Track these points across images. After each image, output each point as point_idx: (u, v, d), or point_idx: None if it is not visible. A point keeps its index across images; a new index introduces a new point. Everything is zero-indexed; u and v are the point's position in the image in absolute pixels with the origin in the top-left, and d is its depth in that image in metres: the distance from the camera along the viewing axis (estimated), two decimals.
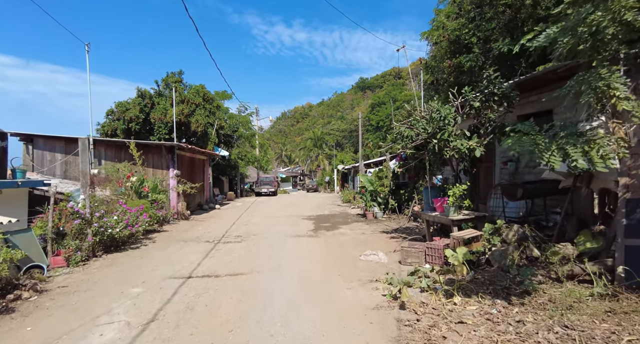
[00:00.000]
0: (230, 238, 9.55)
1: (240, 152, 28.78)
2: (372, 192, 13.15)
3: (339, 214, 14.87)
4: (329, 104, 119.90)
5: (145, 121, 19.62)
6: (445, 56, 17.91)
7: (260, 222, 12.66)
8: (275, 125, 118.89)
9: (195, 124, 19.25)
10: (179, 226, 12.16)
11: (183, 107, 19.03)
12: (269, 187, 29.86)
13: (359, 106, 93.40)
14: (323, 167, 56.67)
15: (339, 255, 7.31)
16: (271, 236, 9.70)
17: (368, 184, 13.38)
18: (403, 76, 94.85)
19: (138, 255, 7.53)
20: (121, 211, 8.10)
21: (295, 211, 16.49)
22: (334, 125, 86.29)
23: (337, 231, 10.48)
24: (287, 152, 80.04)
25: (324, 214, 15.25)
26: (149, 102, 19.65)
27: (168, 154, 13.89)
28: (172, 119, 18.73)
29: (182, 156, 15.18)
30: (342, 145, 77.03)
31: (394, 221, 12.00)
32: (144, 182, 11.63)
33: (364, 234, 9.70)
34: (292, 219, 13.43)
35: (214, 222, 12.90)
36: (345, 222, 12.20)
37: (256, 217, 14.50)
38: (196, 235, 10.11)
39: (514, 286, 4.69)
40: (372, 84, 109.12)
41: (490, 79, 6.81)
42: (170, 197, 13.81)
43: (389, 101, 61.17)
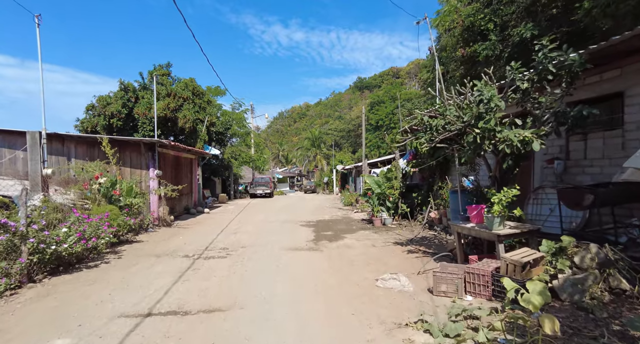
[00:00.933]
0: (213, 252, 7.93)
1: (234, 152, 27.14)
2: (379, 196, 11.58)
3: (342, 220, 13.28)
4: (327, 103, 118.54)
5: (128, 116, 17.95)
6: (457, 45, 16.41)
7: (252, 230, 11.05)
8: (272, 125, 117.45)
9: (183, 120, 17.61)
10: (158, 234, 10.52)
11: (169, 101, 17.39)
12: (265, 189, 28.23)
13: (357, 106, 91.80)
14: (321, 167, 55.13)
15: (349, 278, 5.71)
16: (263, 249, 8.09)
17: (375, 186, 11.81)
18: (402, 76, 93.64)
19: (92, 278, 5.90)
20: (74, 221, 6.46)
21: (293, 216, 14.89)
22: (331, 125, 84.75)
23: (341, 241, 8.88)
24: (284, 152, 78.53)
25: (325, 219, 13.65)
26: (132, 96, 17.99)
27: (148, 152, 12.25)
28: (157, 115, 17.07)
29: (165, 154, 13.54)
30: (340, 145, 75.51)
31: (406, 229, 10.42)
32: (116, 184, 9.99)
33: (375, 247, 8.12)
34: (288, 226, 11.82)
35: (199, 230, 11.27)
36: (349, 230, 10.61)
37: (248, 223, 12.88)
38: (174, 247, 8.49)
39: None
40: (369, 83, 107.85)
41: (545, 53, 5.25)
42: (150, 200, 12.16)
43: (388, 100, 59.74)
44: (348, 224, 11.98)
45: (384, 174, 12.01)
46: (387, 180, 11.71)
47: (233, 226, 12.18)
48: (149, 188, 12.13)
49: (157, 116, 17.07)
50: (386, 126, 55.25)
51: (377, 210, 11.32)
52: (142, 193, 11.37)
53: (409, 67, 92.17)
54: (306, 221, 13.04)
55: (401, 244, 8.37)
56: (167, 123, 17.94)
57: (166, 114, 17.23)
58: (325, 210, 17.27)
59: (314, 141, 57.61)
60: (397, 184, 11.34)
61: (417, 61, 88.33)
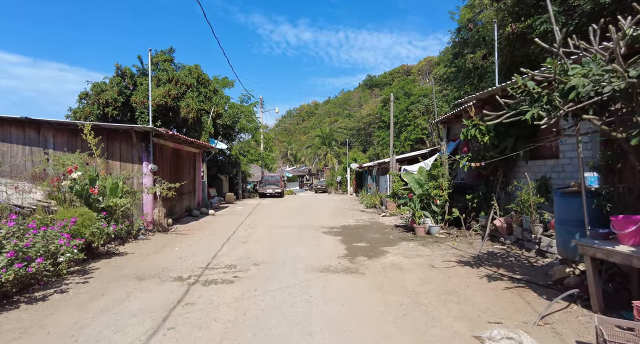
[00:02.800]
0: (216, 272, 5.84)
1: (243, 148, 25.12)
2: (422, 197, 9.39)
3: (371, 226, 11.11)
4: (336, 102, 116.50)
5: (125, 105, 16.03)
6: (505, 20, 14.13)
7: (264, 239, 8.95)
8: (280, 123, 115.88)
9: (186, 109, 15.60)
10: (150, 243, 8.48)
11: (170, 87, 15.39)
12: (275, 188, 26.18)
13: (368, 104, 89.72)
14: (332, 166, 53.00)
15: (429, 335, 3.55)
16: (282, 270, 5.97)
17: (415, 185, 9.62)
18: (413, 73, 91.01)
19: (22, 326, 3.83)
20: (8, 233, 4.40)
21: (310, 219, 12.77)
22: (341, 123, 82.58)
23: (385, 259, 6.72)
24: (292, 151, 76.73)
25: (350, 224, 11.50)
26: (130, 83, 16.06)
27: (141, 143, 10.24)
28: (156, 103, 15.10)
29: (163, 146, 11.52)
30: (350, 144, 73.21)
31: (460, 241, 8.22)
32: (96, 180, 7.97)
33: (435, 269, 5.94)
34: (308, 233, 9.70)
35: (201, 238, 9.20)
36: (388, 241, 8.45)
37: (259, 228, 10.79)
38: (166, 263, 6.43)
39: None
40: (379, 81, 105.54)
41: None
42: (143, 201, 10.15)
43: (402, 95, 57.35)
44: (382, 232, 9.81)
45: (427, 172, 9.80)
46: (431, 178, 9.51)
47: (241, 232, 10.10)
48: (143, 185, 10.11)
49: (157, 104, 15.11)
50: (400, 122, 52.82)
51: (419, 215, 9.13)
52: (133, 192, 9.35)
53: (420, 64, 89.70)
54: (328, 227, 10.90)
55: (469, 264, 6.18)
56: (168, 112, 15.96)
57: (166, 102, 15.24)
58: (346, 213, 15.11)
59: (324, 139, 55.49)
60: (446, 184, 9.13)
61: (430, 58, 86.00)
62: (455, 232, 9.12)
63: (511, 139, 7.76)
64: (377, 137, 58.90)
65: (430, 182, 9.37)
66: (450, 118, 13.12)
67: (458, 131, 13.03)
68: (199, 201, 15.36)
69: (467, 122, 8.45)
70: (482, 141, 8.10)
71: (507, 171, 8.33)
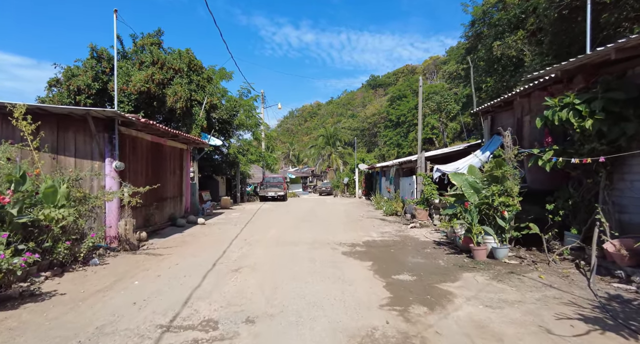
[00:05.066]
0: (182, 341, 3.35)
1: (242, 146, 22.65)
2: (481, 207, 6.86)
3: (403, 242, 8.58)
4: (339, 102, 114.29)
5: (101, 92, 13.59)
6: None
7: (264, 264, 6.44)
8: (282, 124, 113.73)
9: (173, 98, 13.13)
10: (102, 272, 5.98)
11: (153, 71, 12.92)
12: (277, 190, 23.67)
13: (372, 104, 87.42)
14: (336, 167, 50.54)
15: None
16: (293, 340, 3.46)
17: (469, 190, 7.09)
18: (417, 73, 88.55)
19: None
20: None
21: (322, 231, 10.25)
22: (345, 123, 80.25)
23: (455, 310, 4.19)
24: (295, 151, 74.49)
25: (374, 239, 8.98)
26: (107, 67, 13.59)
27: (103, 133, 7.77)
28: (137, 90, 12.65)
29: (136, 138, 9.05)
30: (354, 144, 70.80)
31: (546, 271, 5.69)
32: (22, 183, 5.49)
33: (559, 338, 3.41)
34: (324, 255, 7.18)
35: (177, 263, 6.69)
36: (440, 271, 5.92)
37: (258, 245, 8.28)
38: (104, 318, 3.94)
39: None
40: (383, 82, 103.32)
41: None
42: (105, 209, 7.68)
43: (410, 93, 54.85)
44: (423, 254, 7.29)
45: (486, 172, 7.25)
46: (493, 181, 6.97)
47: (234, 252, 7.59)
48: (105, 188, 7.64)
49: (137, 91, 12.66)
50: (409, 121, 50.27)
51: (477, 231, 6.60)
52: (88, 198, 6.89)
53: (426, 64, 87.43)
54: (348, 244, 8.39)
55: (605, 325, 3.66)
56: (152, 101, 13.49)
57: (149, 89, 12.77)
58: (364, 222, 12.58)
59: (328, 139, 53.02)
60: (516, 189, 6.59)
61: (436, 57, 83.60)
62: (529, 256, 6.59)
63: (632, 125, 5.24)
64: (384, 137, 56.34)
65: (492, 186, 6.83)
66: (495, 106, 10.61)
67: (507, 121, 10.51)
68: (187, 208, 12.87)
69: (552, 102, 5.93)
70: (578, 127, 5.58)
71: (612, 171, 5.80)
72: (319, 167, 57.37)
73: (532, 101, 9.07)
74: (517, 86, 18.62)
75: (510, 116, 10.22)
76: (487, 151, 10.65)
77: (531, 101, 9.20)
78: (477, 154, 11.13)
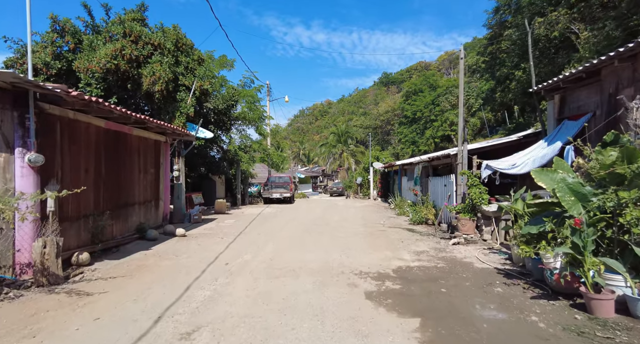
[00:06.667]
0: None
1: (243, 142, 20.13)
2: (597, 226, 4.10)
3: (452, 271, 5.85)
4: (350, 100, 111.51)
5: (66, 73, 11.21)
6: None
7: (236, 330, 3.79)
8: (292, 123, 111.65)
9: (150, 79, 10.63)
10: None
11: (124, 44, 10.43)
12: (283, 191, 21.07)
13: (384, 101, 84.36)
14: (348, 166, 47.80)
15: None
16: None
17: (568, 198, 4.35)
18: (432, 68, 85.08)
19: None
20: None
21: (335, 250, 7.58)
22: (356, 121, 77.40)
23: None
24: (305, 150, 72.17)
25: (409, 266, 6.26)
26: (72, 42, 11.19)
27: (11, 112, 5.27)
28: (103, 67, 10.21)
29: (76, 122, 6.51)
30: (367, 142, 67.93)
31: None
32: None
33: None
34: (339, 302, 4.52)
35: (98, 318, 4.10)
36: (541, 340, 3.22)
37: (240, 279, 5.63)
38: None
39: None
40: (396, 79, 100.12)
41: None
42: (15, 224, 5.19)
43: (427, 88, 51.74)
44: (496, 299, 4.58)
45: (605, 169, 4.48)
46: (615, 182, 4.21)
47: (199, 291, 4.95)
48: (16, 193, 5.14)
49: (103, 68, 10.24)
50: (425, 117, 47.09)
51: (593, 267, 3.87)
52: None
53: (441, 59, 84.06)
54: (374, 276, 5.71)
55: None
56: (126, 83, 11.02)
57: (118, 66, 10.29)
58: (389, 234, 9.85)
59: (339, 136, 50.29)
60: None
61: (451, 52, 79.94)
62: None
63: None
64: (399, 134, 53.23)
65: (621, 192, 4.06)
66: (568, 80, 7.78)
67: (588, 100, 7.66)
68: (165, 215, 10.36)
69: None
70: None
71: None
72: (329, 167, 54.71)
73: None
74: (566, 68, 15.67)
75: (595, 93, 7.39)
76: (556, 140, 7.84)
77: (638, 67, 6.37)
78: (540, 145, 8.32)
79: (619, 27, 10.06)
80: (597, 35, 11.56)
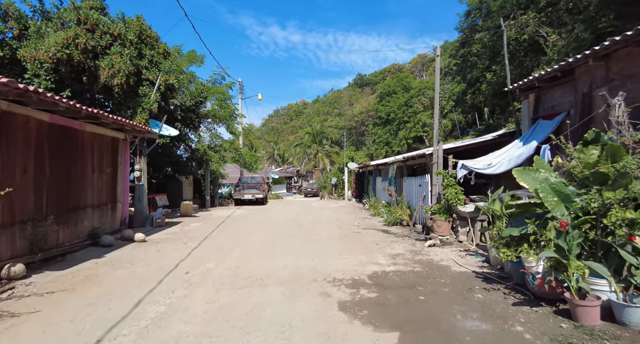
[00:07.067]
0: None
1: (213, 141, 19.30)
2: (581, 227, 3.88)
3: (429, 275, 5.53)
4: (325, 101, 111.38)
5: (11, 62, 10.16)
6: None
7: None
8: (267, 123, 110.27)
9: (108, 71, 9.79)
10: None
11: (77, 32, 9.54)
12: (255, 192, 20.37)
13: (359, 102, 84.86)
14: (323, 166, 47.59)
15: None
16: None
17: (551, 198, 4.12)
18: (405, 71, 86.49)
19: None
20: None
21: (307, 254, 7.13)
22: (331, 122, 77.38)
23: None
24: (279, 151, 71.34)
25: (385, 270, 5.90)
26: (17, 28, 10.15)
27: None
28: (53, 57, 9.29)
29: (11, 115, 5.71)
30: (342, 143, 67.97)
31: None
32: None
33: None
34: (311, 313, 4.08)
35: None
36: None
37: (200, 291, 5.06)
38: None
39: None
40: (370, 80, 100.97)
41: None
42: None
43: (400, 90, 52.29)
44: (478, 306, 4.29)
45: (590, 169, 4.27)
46: (598, 182, 4.01)
47: (153, 306, 4.35)
48: None
49: (53, 58, 9.32)
50: (399, 119, 47.54)
51: (578, 271, 3.64)
52: None
53: (414, 61, 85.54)
54: (348, 283, 5.31)
55: None
56: (80, 75, 10.11)
57: (71, 57, 9.40)
58: (363, 236, 9.52)
59: (314, 136, 50.00)
60: None
61: (424, 55, 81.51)
62: None
63: None
64: (373, 135, 53.44)
65: (605, 192, 3.85)
66: (543, 80, 7.72)
67: (563, 99, 7.63)
68: (124, 218, 9.55)
69: None
70: None
71: None
72: (304, 167, 54.29)
73: (617, 64, 6.21)
74: (535, 70, 16.00)
75: (569, 92, 7.35)
76: (532, 140, 7.77)
77: (611, 66, 6.34)
78: (516, 144, 8.24)
79: (587, 30, 10.24)
80: (566, 38, 11.75)
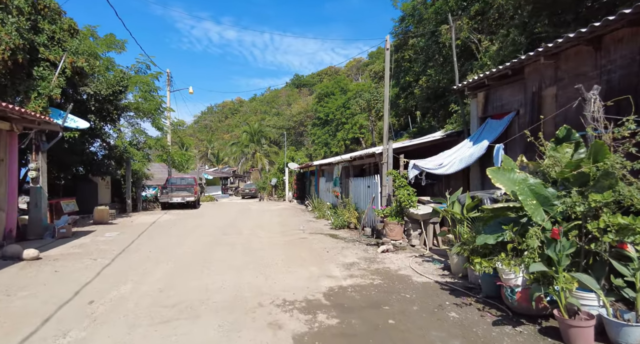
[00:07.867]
0: None
1: (135, 137, 17.00)
2: (569, 235, 3.47)
3: (393, 290, 4.87)
4: (263, 99, 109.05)
5: None
6: None
7: None
8: (200, 120, 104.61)
9: None
10: None
11: None
12: (186, 195, 18.39)
13: (297, 102, 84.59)
14: (261, 166, 46.07)
15: None
16: None
17: (530, 201, 3.70)
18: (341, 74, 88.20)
19: None
20: None
21: (249, 269, 6.09)
22: (269, 121, 75.82)
23: None
24: (214, 150, 67.79)
25: (343, 286, 5.12)
26: None
27: None
28: None
29: None
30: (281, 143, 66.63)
31: None
32: None
33: None
34: None
35: None
36: None
37: (103, 332, 3.81)
38: None
39: None
40: (307, 81, 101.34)
41: None
42: None
43: (338, 91, 52.84)
44: (457, 330, 3.68)
45: (569, 167, 3.90)
46: (579, 183, 3.66)
47: None
48: None
49: None
50: (337, 120, 47.89)
51: (567, 285, 3.21)
52: None
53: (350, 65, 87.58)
54: (301, 306, 4.42)
55: None
56: None
57: None
58: (312, 243, 8.68)
59: (252, 135, 48.22)
60: None
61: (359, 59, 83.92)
62: None
63: None
64: (312, 135, 53.16)
65: (592, 194, 3.48)
66: (493, 78, 7.62)
67: (513, 98, 7.57)
68: (10, 229, 7.51)
69: None
70: None
71: None
72: (241, 167, 52.11)
73: (566, 63, 6.18)
74: (468, 75, 16.68)
75: (519, 91, 7.30)
76: (483, 139, 7.62)
77: (561, 65, 6.32)
78: (466, 144, 8.07)
79: (522, 34, 10.66)
80: (502, 42, 12.20)
